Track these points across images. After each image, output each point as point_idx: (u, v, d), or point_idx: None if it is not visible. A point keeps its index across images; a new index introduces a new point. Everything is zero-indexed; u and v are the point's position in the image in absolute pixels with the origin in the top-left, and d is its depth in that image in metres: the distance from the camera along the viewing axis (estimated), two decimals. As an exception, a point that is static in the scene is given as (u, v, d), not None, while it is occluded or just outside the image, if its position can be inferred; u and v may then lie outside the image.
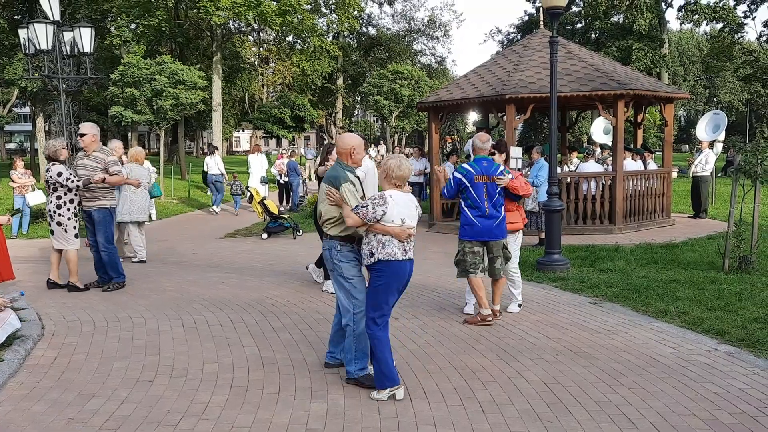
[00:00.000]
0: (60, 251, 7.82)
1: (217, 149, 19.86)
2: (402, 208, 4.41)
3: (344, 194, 4.43)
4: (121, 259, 8.40)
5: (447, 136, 23.84)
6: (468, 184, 6.08)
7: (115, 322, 6.32)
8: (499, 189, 6.14)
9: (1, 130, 48.58)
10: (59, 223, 7.62)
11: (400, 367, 4.94)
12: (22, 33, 14.07)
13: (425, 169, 15.61)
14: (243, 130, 55.22)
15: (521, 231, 6.74)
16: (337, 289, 4.67)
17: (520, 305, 6.66)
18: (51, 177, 7.57)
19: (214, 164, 17.68)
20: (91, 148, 7.81)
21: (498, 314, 6.30)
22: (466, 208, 6.14)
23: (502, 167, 6.26)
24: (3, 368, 4.81)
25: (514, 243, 6.62)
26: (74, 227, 7.69)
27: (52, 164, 7.62)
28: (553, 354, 5.25)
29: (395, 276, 4.41)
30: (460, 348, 5.46)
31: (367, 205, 4.34)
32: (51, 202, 7.65)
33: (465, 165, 6.26)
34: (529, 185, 6.62)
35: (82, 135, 7.84)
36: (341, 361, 4.82)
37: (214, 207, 17.82)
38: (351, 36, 43.74)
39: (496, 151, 6.47)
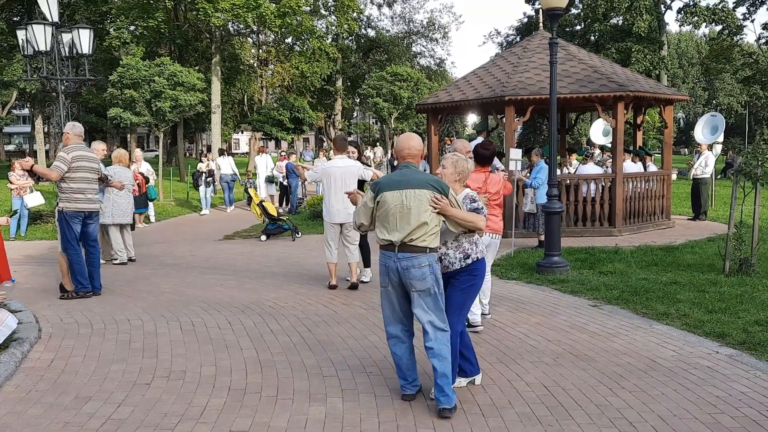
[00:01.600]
0: None
1: (226, 151, 20.76)
2: None
3: (454, 200, 4.20)
4: (103, 262, 8.39)
5: (446, 138, 23.82)
6: None
7: (112, 325, 6.28)
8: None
9: (0, 131, 48.54)
10: None
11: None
12: (21, 34, 14.04)
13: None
14: (242, 132, 55.18)
15: (492, 235, 6.12)
16: (430, 311, 4.11)
17: (485, 315, 6.24)
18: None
19: (227, 165, 18.78)
20: (67, 145, 7.73)
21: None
22: None
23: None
24: (-1, 371, 4.77)
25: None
26: None
27: None
28: (554, 357, 5.22)
29: (485, 272, 4.55)
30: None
31: (483, 207, 4.49)
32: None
33: None
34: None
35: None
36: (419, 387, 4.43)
37: (228, 207, 18.83)
38: (350, 38, 43.71)
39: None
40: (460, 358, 4.42)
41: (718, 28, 37.87)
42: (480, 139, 14.03)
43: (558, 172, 10.49)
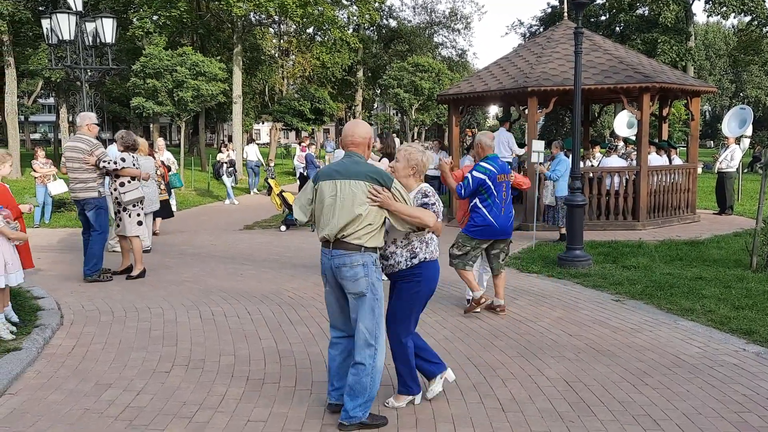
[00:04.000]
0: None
1: (255, 140, 23.26)
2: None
3: (399, 194, 3.77)
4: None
5: (467, 130, 23.64)
6: (491, 184, 5.96)
7: (133, 312, 6.32)
8: (506, 186, 6.15)
9: (26, 120, 49.23)
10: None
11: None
12: (45, 23, 14.19)
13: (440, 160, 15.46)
14: (263, 123, 55.36)
15: None
16: (365, 317, 3.75)
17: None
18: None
19: (253, 152, 20.38)
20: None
21: (504, 309, 6.28)
22: (484, 208, 6.00)
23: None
24: (21, 357, 4.81)
25: None
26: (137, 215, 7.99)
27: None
28: (575, 352, 5.14)
29: (434, 277, 4.00)
30: (479, 344, 5.36)
31: (434, 202, 3.94)
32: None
33: (485, 164, 6.00)
34: (527, 179, 6.85)
35: None
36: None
37: (253, 190, 20.26)
38: (371, 28, 43.52)
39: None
40: (421, 360, 4.10)
41: (747, 19, 37.06)
42: (503, 130, 13.94)
43: (581, 164, 10.35)
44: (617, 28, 39.97)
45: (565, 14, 14.31)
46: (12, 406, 4.10)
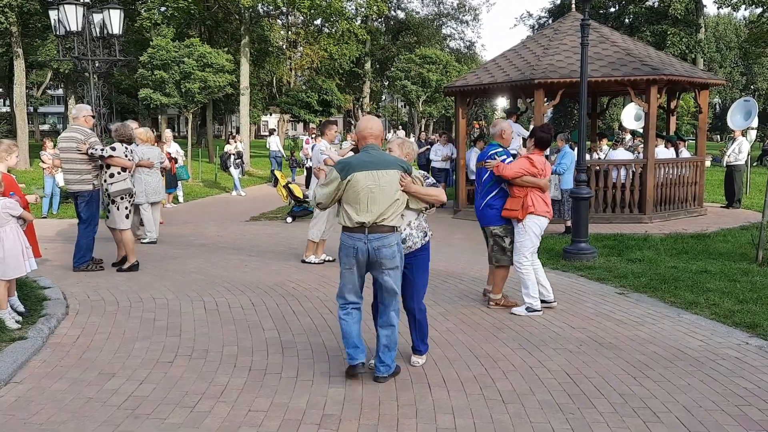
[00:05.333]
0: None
1: (275, 131, 24.20)
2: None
3: (418, 180, 4.37)
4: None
5: (474, 122, 23.57)
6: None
7: (138, 303, 6.36)
8: (487, 174, 6.03)
9: (35, 111, 49.45)
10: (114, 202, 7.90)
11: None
12: (53, 14, 14.22)
13: (451, 154, 15.44)
14: (270, 114, 55.38)
15: (529, 221, 5.94)
16: (396, 285, 4.28)
17: (529, 309, 5.96)
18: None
19: (275, 143, 21.17)
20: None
21: (487, 299, 6.32)
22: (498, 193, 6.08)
23: (494, 150, 6.06)
24: (26, 346, 4.86)
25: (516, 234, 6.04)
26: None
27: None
28: (577, 344, 5.14)
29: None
30: (481, 336, 5.37)
31: (435, 182, 4.71)
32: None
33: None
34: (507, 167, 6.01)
35: None
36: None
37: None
38: (379, 20, 43.39)
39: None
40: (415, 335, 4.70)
41: (759, 10, 36.65)
42: (510, 122, 13.88)
43: (588, 157, 10.31)
44: (626, 20, 39.62)
45: (573, 6, 14.21)
46: (17, 395, 4.15)
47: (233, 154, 19.09)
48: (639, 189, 11.80)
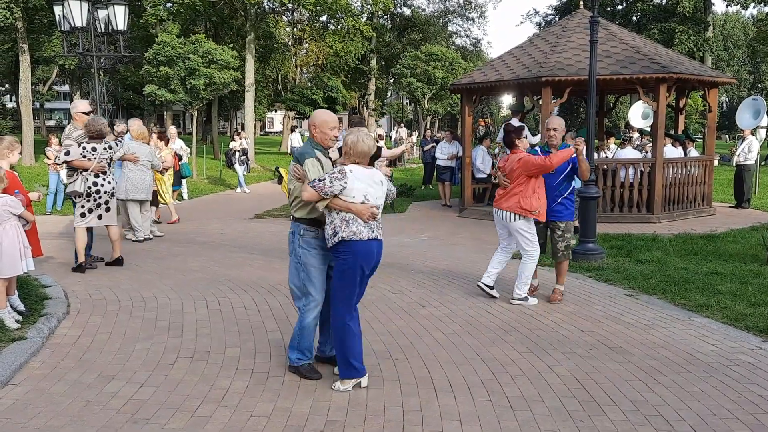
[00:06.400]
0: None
1: (297, 127, 23.43)
2: (363, 184, 4.12)
3: (306, 169, 4.20)
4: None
5: (480, 120, 23.43)
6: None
7: (139, 302, 6.28)
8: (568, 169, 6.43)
9: (41, 107, 49.52)
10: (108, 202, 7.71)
11: (426, 358, 4.79)
12: (57, 10, 14.17)
13: (457, 152, 15.31)
14: (276, 111, 55.34)
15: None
16: (294, 276, 4.42)
17: (521, 298, 6.34)
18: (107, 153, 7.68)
19: (297, 140, 22.21)
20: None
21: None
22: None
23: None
24: (25, 347, 4.78)
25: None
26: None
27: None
28: (587, 348, 5.03)
29: (362, 257, 4.12)
30: (488, 339, 5.27)
31: (324, 179, 4.06)
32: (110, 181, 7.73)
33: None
34: None
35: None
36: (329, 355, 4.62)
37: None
38: (385, 17, 43.20)
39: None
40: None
41: (767, 9, 36.34)
42: (515, 121, 13.76)
43: (595, 156, 10.16)
44: (634, 18, 39.35)
45: (581, 2, 14.06)
46: (15, 397, 4.07)
47: (238, 151, 19.03)
48: (647, 188, 11.67)
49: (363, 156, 4.18)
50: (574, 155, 6.13)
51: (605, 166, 11.70)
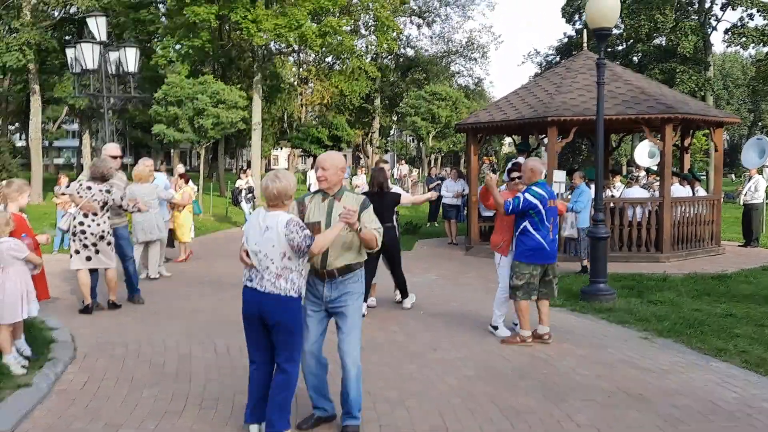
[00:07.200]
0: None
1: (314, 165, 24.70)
2: (250, 229, 4.01)
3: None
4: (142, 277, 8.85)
5: (485, 157, 23.54)
6: (542, 209, 6.13)
7: (147, 346, 6.19)
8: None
9: (50, 145, 50.03)
10: (109, 243, 7.55)
11: (441, 405, 4.67)
12: (70, 53, 14.41)
13: (463, 191, 15.33)
14: (281, 149, 55.77)
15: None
16: None
17: (496, 327, 6.65)
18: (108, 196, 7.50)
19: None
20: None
21: (550, 335, 6.37)
22: (535, 232, 6.15)
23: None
24: (31, 394, 4.68)
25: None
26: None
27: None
28: (605, 396, 4.90)
29: (243, 302, 4.10)
30: (503, 385, 5.15)
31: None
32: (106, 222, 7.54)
33: (537, 189, 6.18)
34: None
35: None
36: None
37: None
38: (389, 57, 43.87)
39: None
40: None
41: (766, 49, 36.77)
42: (521, 159, 13.79)
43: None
44: (635, 58, 39.83)
45: (585, 44, 14.22)
46: (20, 447, 3.97)
47: (244, 189, 19.06)
48: (656, 227, 11.61)
49: (269, 198, 3.96)
50: (518, 194, 6.21)
51: (612, 205, 11.67)
